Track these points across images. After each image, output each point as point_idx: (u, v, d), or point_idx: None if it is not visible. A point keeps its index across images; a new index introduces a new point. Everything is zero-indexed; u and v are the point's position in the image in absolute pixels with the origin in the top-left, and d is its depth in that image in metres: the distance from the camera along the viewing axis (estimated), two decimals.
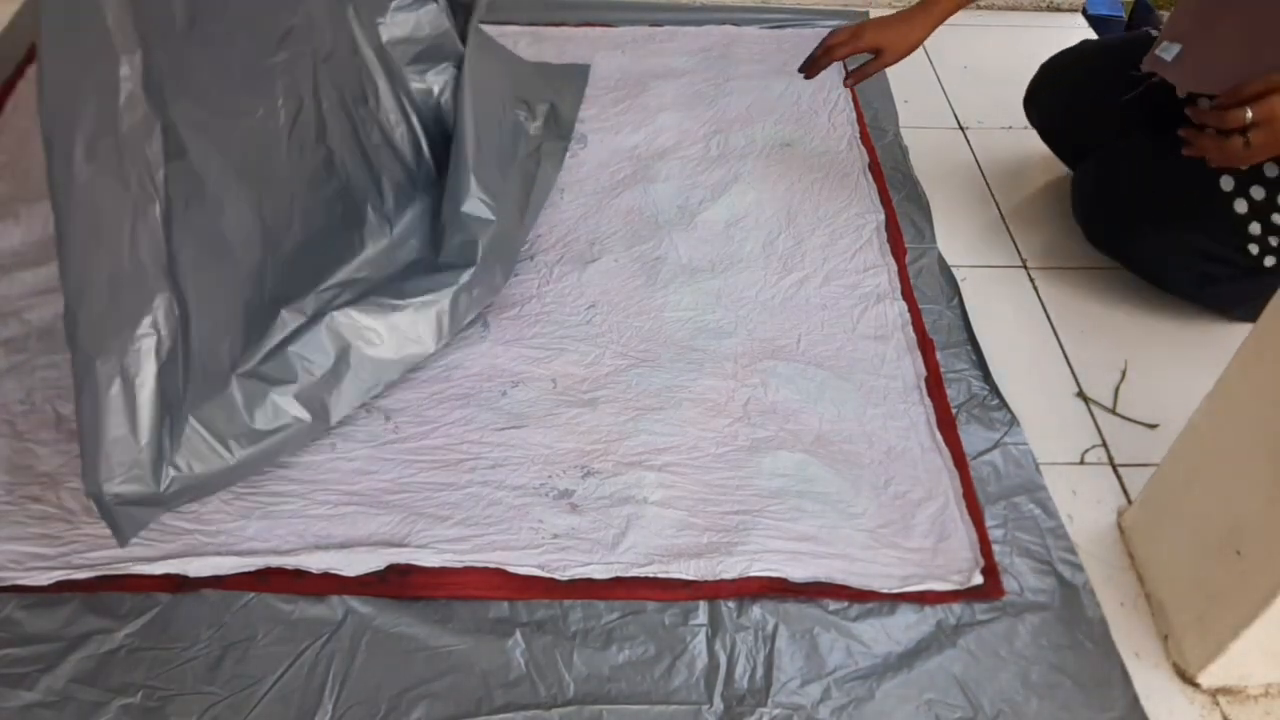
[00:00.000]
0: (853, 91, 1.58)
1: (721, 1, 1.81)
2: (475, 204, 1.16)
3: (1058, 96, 1.38)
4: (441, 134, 1.26)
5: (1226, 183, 1.15)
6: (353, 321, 1.05)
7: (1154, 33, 1.32)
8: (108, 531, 0.93)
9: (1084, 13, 1.88)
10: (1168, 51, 1.17)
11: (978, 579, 0.94)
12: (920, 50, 1.72)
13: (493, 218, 1.16)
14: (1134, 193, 1.22)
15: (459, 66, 1.26)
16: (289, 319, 1.05)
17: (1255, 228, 1.14)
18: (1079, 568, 0.97)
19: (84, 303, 0.87)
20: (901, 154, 1.48)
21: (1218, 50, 1.13)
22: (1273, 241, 1.13)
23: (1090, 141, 1.31)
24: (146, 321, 0.88)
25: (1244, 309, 1.20)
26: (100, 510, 0.87)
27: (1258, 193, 1.13)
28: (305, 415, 1.00)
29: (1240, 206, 1.14)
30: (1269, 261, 1.14)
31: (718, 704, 0.86)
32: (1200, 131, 1.08)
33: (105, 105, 0.89)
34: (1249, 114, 1.04)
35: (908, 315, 1.21)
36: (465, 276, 1.12)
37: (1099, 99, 1.31)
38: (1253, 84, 1.07)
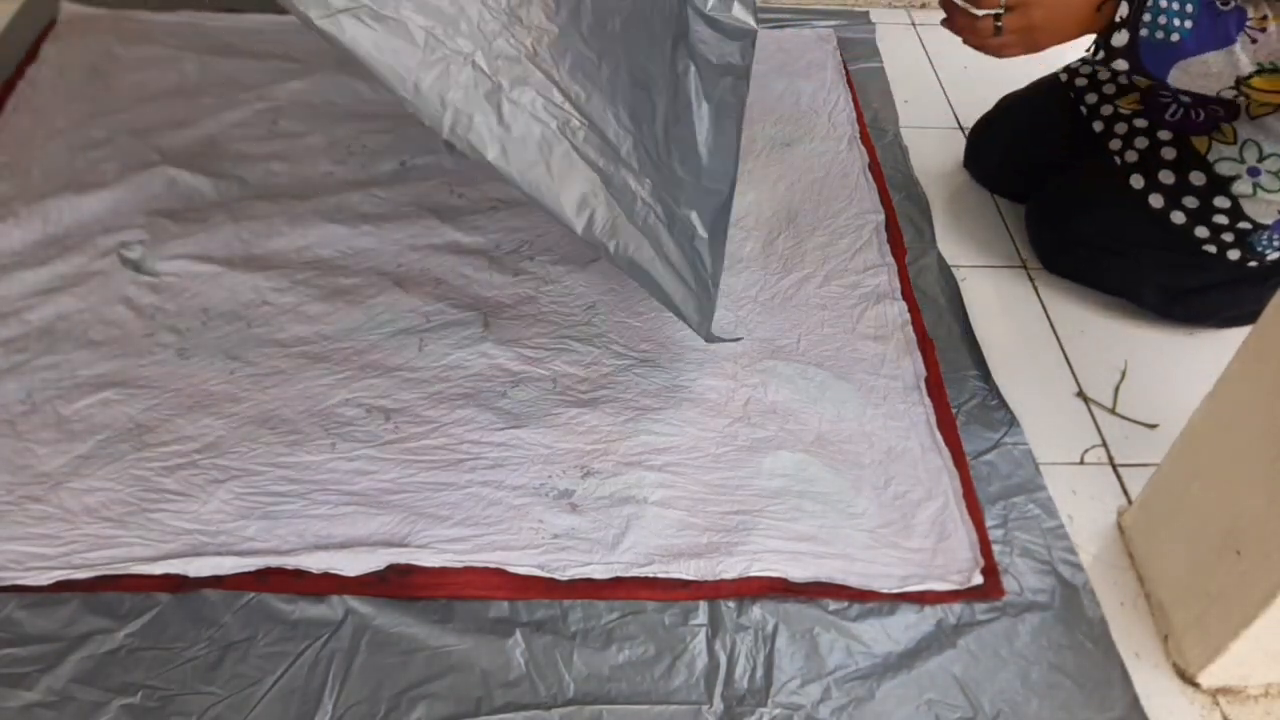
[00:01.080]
0: (853, 91, 1.57)
1: None
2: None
3: (992, 154, 1.41)
4: None
5: (1156, 200, 1.15)
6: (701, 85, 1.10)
7: (1062, 77, 1.33)
8: (108, 531, 0.93)
9: None
10: None
11: (978, 579, 0.94)
12: (920, 50, 1.74)
13: (753, 25, 1.14)
14: (1081, 233, 1.23)
15: None
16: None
17: (1202, 231, 1.14)
18: (1079, 568, 0.97)
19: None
20: (901, 154, 1.48)
21: None
22: (1226, 238, 1.13)
23: (1030, 187, 1.32)
24: (639, 205, 0.93)
25: (1215, 320, 1.21)
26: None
27: (1191, 202, 1.13)
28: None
29: (1178, 218, 1.14)
30: (1233, 255, 1.13)
31: (718, 704, 0.86)
32: (956, 6, 1.03)
33: None
34: None
35: (908, 315, 1.21)
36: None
37: (1031, 150, 1.32)
38: None
